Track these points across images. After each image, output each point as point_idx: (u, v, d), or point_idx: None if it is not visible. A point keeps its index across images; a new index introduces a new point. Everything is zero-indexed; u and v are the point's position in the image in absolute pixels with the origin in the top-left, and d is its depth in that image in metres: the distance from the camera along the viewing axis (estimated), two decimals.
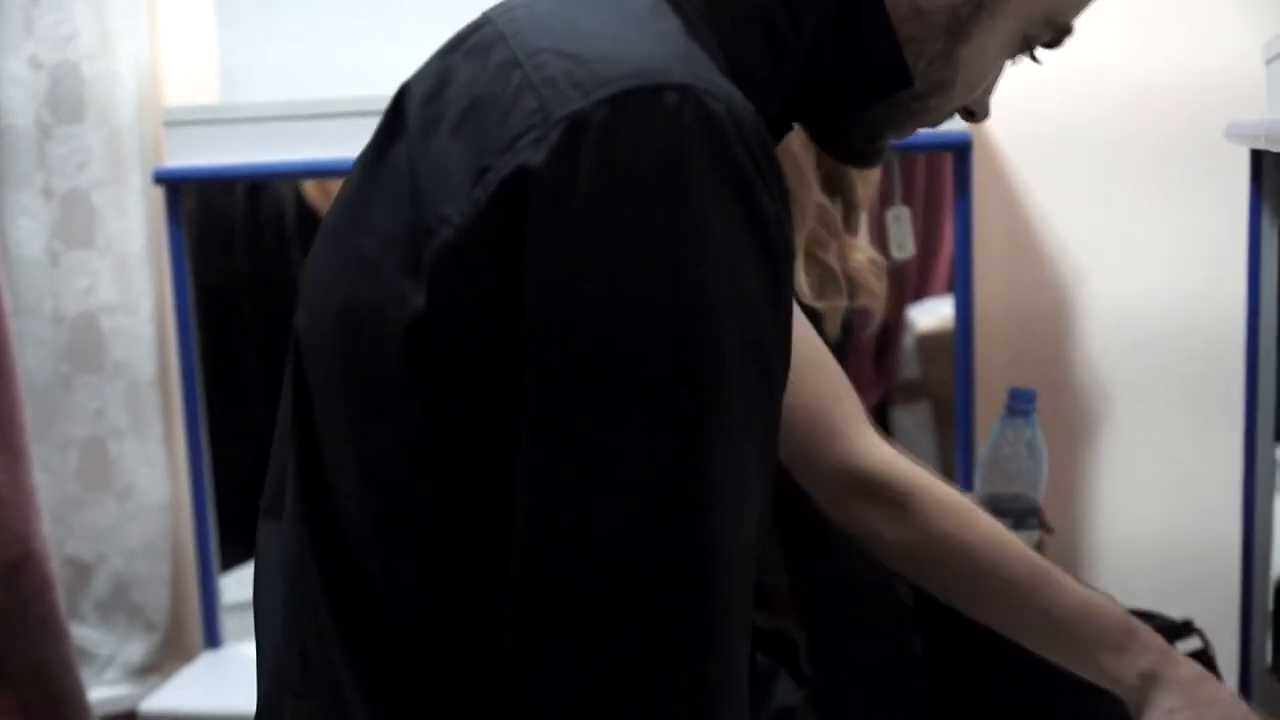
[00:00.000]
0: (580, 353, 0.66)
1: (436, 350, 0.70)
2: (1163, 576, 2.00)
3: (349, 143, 1.87)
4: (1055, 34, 0.86)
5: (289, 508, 0.80)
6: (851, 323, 1.60)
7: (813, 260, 1.44)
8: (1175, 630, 1.45)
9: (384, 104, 2.07)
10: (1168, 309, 1.99)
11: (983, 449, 1.49)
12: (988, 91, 0.89)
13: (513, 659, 0.69)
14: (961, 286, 1.93)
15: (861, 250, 1.53)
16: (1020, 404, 1.43)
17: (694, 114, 0.66)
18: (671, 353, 0.66)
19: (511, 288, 0.67)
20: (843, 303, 1.46)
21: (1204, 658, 1.44)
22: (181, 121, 1.96)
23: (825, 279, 1.44)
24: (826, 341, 1.40)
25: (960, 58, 0.83)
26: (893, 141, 0.88)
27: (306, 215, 2.18)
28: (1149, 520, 2.03)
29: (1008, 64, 0.88)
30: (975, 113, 0.90)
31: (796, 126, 0.90)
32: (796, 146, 1.33)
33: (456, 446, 0.71)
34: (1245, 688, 1.62)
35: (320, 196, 2.18)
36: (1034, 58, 0.88)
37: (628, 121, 0.66)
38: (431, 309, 0.69)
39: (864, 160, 0.89)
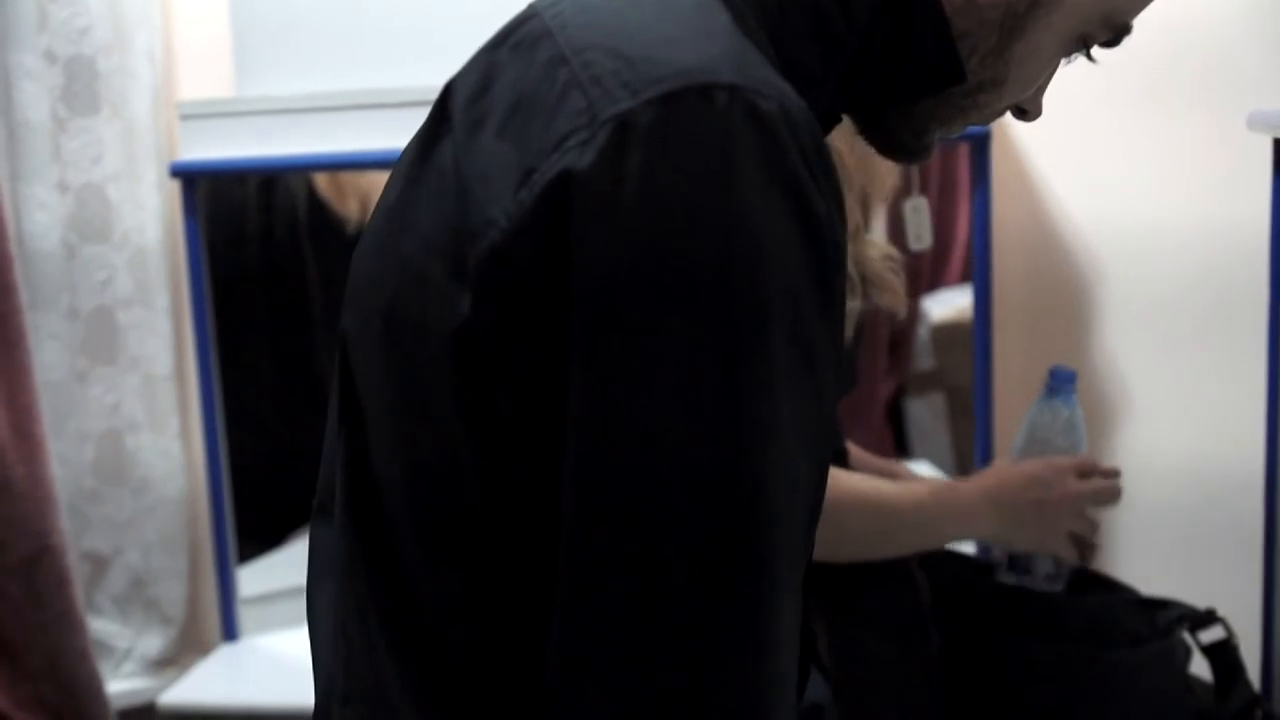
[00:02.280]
0: (628, 344, 0.65)
1: (482, 354, 0.69)
2: (1185, 562, 2.00)
3: (364, 135, 1.89)
4: (1114, 33, 0.84)
5: (337, 510, 0.80)
6: (864, 324, 1.56)
7: None
8: (1199, 619, 1.45)
9: (399, 96, 2.05)
10: (1188, 297, 1.98)
11: (1015, 434, 1.49)
12: (1041, 90, 0.87)
13: (560, 632, 0.68)
14: (980, 277, 1.93)
15: (877, 247, 1.49)
16: (1060, 383, 1.44)
17: (744, 114, 0.65)
18: (718, 339, 0.65)
19: (557, 291, 0.66)
20: (855, 304, 1.43)
21: (1228, 646, 1.44)
22: (197, 114, 1.96)
23: None
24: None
25: (1014, 54, 0.82)
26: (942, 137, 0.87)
27: (319, 208, 2.18)
28: (1171, 506, 2.02)
29: (1062, 62, 0.86)
30: (1028, 111, 0.89)
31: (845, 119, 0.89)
32: (839, 143, 1.31)
33: (502, 450, 0.70)
34: (1266, 675, 1.62)
35: (332, 190, 2.17)
36: (1090, 57, 0.86)
37: (676, 122, 0.65)
38: (477, 314, 0.68)
39: (913, 155, 0.87)
